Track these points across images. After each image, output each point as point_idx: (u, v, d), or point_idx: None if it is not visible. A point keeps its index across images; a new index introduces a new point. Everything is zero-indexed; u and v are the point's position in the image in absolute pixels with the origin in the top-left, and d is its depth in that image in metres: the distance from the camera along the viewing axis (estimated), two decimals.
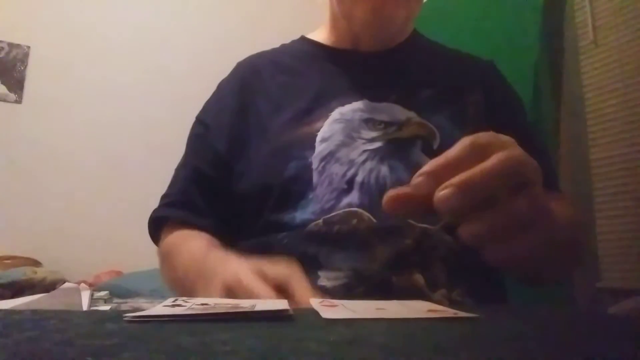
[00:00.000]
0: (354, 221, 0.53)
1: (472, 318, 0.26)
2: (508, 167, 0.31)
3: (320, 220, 0.54)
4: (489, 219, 0.31)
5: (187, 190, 0.65)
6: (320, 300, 0.30)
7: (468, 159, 0.31)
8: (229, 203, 0.63)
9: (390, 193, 0.32)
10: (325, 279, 0.51)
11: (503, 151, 0.31)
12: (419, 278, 0.51)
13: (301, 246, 0.53)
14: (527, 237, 0.31)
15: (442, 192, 0.30)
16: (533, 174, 0.32)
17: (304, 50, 0.72)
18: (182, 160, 0.70)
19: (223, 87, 0.72)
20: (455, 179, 0.30)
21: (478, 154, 0.32)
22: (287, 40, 0.76)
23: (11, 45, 2.23)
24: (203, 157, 0.66)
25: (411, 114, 0.60)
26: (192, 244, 0.57)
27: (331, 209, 0.54)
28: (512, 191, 0.31)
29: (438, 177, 0.31)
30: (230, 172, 0.63)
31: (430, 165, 0.32)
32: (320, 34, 0.73)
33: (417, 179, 0.32)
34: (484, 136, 0.33)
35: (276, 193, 0.57)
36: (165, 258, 0.61)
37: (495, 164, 0.31)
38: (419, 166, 0.56)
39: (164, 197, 0.68)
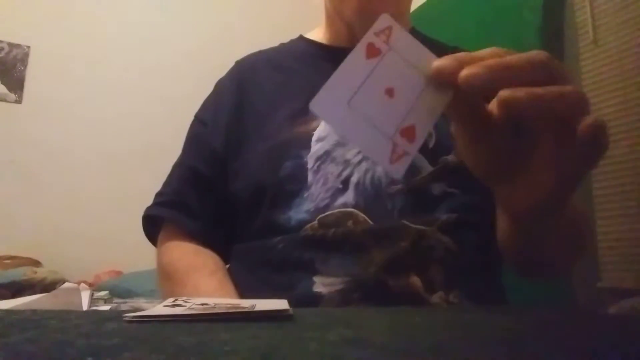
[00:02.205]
0: (349, 222, 0.53)
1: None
2: (544, 60, 0.29)
3: (316, 222, 0.54)
4: (529, 89, 0.28)
5: (181, 190, 0.65)
6: None
7: (493, 54, 0.30)
8: (224, 203, 0.63)
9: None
10: (321, 285, 0.51)
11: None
12: (416, 281, 0.51)
13: (297, 251, 0.53)
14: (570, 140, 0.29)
15: (468, 70, 0.28)
16: (571, 78, 0.30)
17: (301, 49, 0.72)
18: (179, 158, 0.70)
19: (221, 86, 0.72)
20: (485, 61, 0.28)
21: (499, 54, 0.30)
22: (286, 38, 0.76)
23: (11, 45, 2.23)
24: (199, 156, 0.66)
25: None
26: (201, 287, 0.56)
27: (326, 207, 0.54)
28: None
29: (463, 64, 0.29)
30: (226, 171, 0.63)
31: (456, 54, 0.30)
32: (318, 33, 0.73)
33: (443, 60, 0.30)
34: (513, 51, 0.31)
35: (271, 192, 0.57)
36: (169, 278, 0.60)
37: (529, 54, 0.29)
38: (414, 166, 0.57)
39: (158, 195, 0.67)
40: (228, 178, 0.63)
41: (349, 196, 0.54)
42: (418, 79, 0.30)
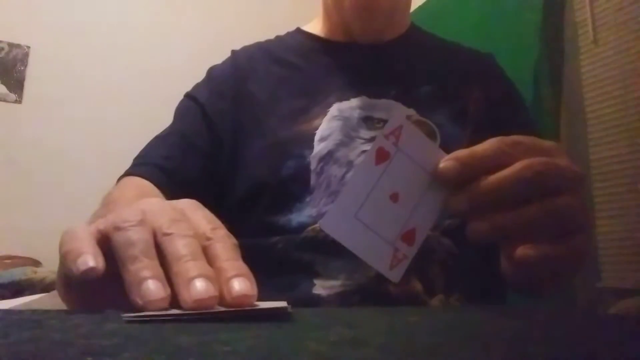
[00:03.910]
0: None
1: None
2: (528, 177, 0.31)
3: (317, 225, 0.53)
4: (496, 218, 0.32)
5: (172, 157, 0.59)
6: None
7: (493, 159, 0.32)
8: (221, 191, 0.59)
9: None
10: (321, 287, 0.51)
11: (529, 159, 0.32)
12: (416, 284, 0.51)
13: (297, 253, 0.52)
14: (553, 245, 0.32)
15: (453, 198, 0.32)
16: (563, 183, 0.32)
17: (300, 42, 0.70)
18: (166, 129, 0.65)
19: (216, 73, 0.68)
20: (470, 186, 0.32)
21: (505, 154, 0.32)
22: None
23: (11, 45, 2.23)
24: (198, 132, 0.61)
25: (411, 112, 0.59)
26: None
27: None
28: (542, 197, 0.32)
29: (465, 166, 0.32)
30: (225, 156, 0.60)
31: (459, 152, 0.33)
32: (316, 26, 0.72)
33: (447, 162, 0.33)
34: (515, 137, 0.34)
35: (272, 192, 0.56)
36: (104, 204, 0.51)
37: (513, 173, 0.31)
38: None
39: (138, 158, 0.61)
40: (227, 166, 0.60)
41: None
42: (423, 178, 0.33)
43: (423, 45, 0.70)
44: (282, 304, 0.27)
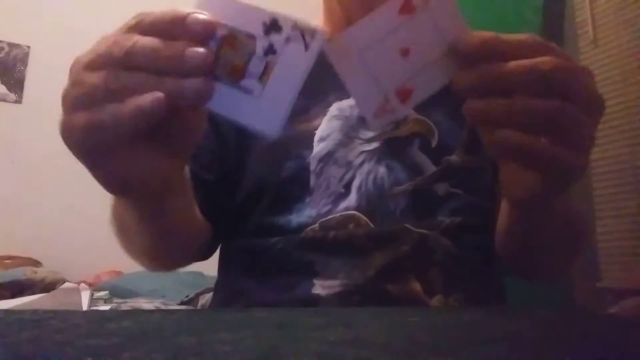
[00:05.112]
0: (351, 225, 0.52)
1: None
2: (543, 70, 0.29)
3: (317, 225, 0.53)
4: (494, 100, 0.30)
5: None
6: None
7: (517, 48, 0.30)
8: (223, 204, 0.59)
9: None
10: (320, 287, 0.51)
11: (554, 57, 0.30)
12: (415, 285, 0.51)
13: (296, 252, 0.52)
14: (539, 141, 0.30)
15: (462, 72, 0.31)
16: (581, 98, 0.30)
17: None
18: None
19: None
20: (482, 66, 0.30)
21: (532, 49, 0.30)
22: None
23: (11, 45, 2.23)
24: (205, 133, 0.62)
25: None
26: None
27: (328, 213, 0.53)
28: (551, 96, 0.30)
29: (486, 45, 0.30)
30: (224, 167, 0.60)
31: (484, 32, 0.31)
32: None
33: (468, 35, 0.31)
34: (548, 42, 0.32)
35: (271, 193, 0.56)
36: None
37: (529, 63, 0.30)
38: (418, 166, 0.56)
39: None
40: (227, 175, 0.59)
41: (351, 200, 0.54)
42: (440, 45, 0.31)
43: None
44: None
